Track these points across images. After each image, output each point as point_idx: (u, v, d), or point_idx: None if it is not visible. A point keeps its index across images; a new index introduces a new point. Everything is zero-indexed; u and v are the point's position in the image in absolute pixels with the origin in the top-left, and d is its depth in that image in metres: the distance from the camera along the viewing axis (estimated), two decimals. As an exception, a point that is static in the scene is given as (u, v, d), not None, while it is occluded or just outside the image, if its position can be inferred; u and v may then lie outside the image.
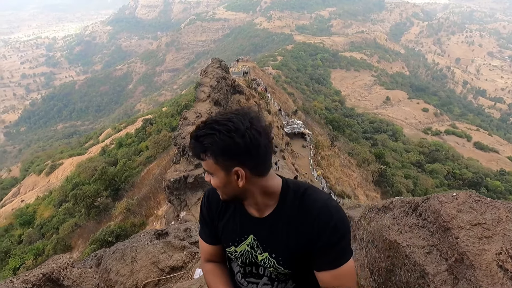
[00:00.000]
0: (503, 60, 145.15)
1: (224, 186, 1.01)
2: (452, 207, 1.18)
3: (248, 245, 1.12)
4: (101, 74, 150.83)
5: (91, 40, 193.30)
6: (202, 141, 0.95)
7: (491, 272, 0.94)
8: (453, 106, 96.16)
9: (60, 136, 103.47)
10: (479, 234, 1.06)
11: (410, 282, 1.14)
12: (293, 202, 1.04)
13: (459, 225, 1.10)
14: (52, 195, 33.53)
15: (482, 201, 1.19)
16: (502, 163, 55.12)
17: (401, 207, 1.47)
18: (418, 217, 1.32)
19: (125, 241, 2.93)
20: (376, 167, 32.59)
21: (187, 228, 3.18)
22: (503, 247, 0.96)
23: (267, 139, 0.97)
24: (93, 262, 2.12)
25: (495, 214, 1.11)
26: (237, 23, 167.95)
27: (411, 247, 1.21)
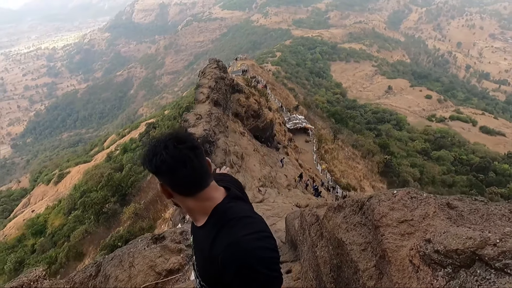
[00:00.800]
0: (506, 42, 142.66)
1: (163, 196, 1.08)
2: (386, 205, 1.21)
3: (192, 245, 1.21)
4: (102, 81, 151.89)
5: (90, 48, 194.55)
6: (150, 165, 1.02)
7: (403, 267, 1.00)
8: (457, 91, 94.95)
9: (65, 145, 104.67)
10: (403, 231, 1.10)
11: (349, 278, 1.18)
12: (210, 232, 1.01)
13: (387, 222, 1.15)
14: (61, 203, 33.95)
15: (417, 198, 1.21)
16: (509, 146, 54.34)
17: (351, 206, 1.49)
18: (362, 216, 1.35)
19: (123, 247, 2.98)
20: (381, 157, 32.42)
21: (183, 231, 3.23)
22: (415, 243, 0.99)
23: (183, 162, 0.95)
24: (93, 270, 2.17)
25: (424, 210, 1.14)
26: (234, 21, 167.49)
27: (352, 245, 1.27)
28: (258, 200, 9.75)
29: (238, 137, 13.21)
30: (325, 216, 1.66)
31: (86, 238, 22.19)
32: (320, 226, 1.78)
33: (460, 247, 0.80)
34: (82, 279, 2.01)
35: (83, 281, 1.84)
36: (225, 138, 11.33)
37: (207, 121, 10.60)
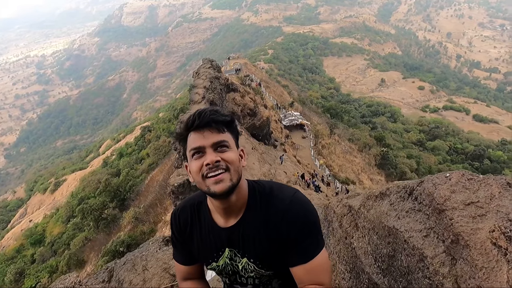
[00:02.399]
0: (495, 30, 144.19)
1: (238, 162, 0.98)
2: (446, 188, 1.18)
3: (227, 257, 1.11)
4: (94, 87, 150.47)
5: (80, 53, 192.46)
6: (224, 114, 1.00)
7: (485, 250, 0.95)
8: (449, 81, 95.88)
9: (60, 152, 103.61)
10: (473, 213, 1.06)
11: (410, 266, 1.15)
12: (260, 206, 1.03)
13: (452, 206, 1.11)
14: (59, 212, 33.68)
15: (475, 179, 1.19)
16: (502, 133, 55.10)
17: (397, 193, 1.47)
18: (414, 201, 1.32)
19: (135, 251, 2.95)
20: (378, 150, 32.61)
21: None
22: (495, 224, 0.96)
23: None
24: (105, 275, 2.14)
25: (488, 191, 1.11)
26: (224, 20, 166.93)
27: (409, 232, 1.25)
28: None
29: (235, 136, 13.16)
30: (363, 206, 1.62)
31: (86, 245, 22.04)
32: (354, 216, 1.74)
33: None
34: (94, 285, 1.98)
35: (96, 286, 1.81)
36: (223, 138, 11.29)
37: (204, 121, 10.51)
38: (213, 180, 0.94)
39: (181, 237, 1.15)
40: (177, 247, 1.19)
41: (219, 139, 0.96)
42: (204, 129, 0.96)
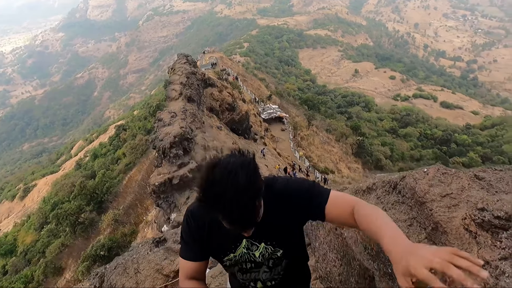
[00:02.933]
0: (457, 20, 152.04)
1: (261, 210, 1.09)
2: (425, 182, 1.34)
3: (244, 247, 1.22)
4: (61, 85, 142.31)
5: (43, 50, 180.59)
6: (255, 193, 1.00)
7: (459, 235, 1.10)
8: (418, 70, 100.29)
9: (28, 156, 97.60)
10: (448, 203, 1.22)
11: None
12: (268, 197, 1.10)
13: (431, 198, 1.27)
14: (31, 219, 31.95)
15: (448, 173, 1.35)
16: (467, 118, 58.72)
17: (382, 187, 1.61)
18: (398, 195, 1.48)
19: (124, 254, 2.89)
20: (354, 139, 33.67)
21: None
22: (466, 213, 1.11)
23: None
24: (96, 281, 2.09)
25: (459, 184, 1.28)
26: (197, 13, 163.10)
27: (395, 222, 1.34)
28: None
29: (215, 131, 13.06)
30: None
31: (63, 251, 21.15)
32: None
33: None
34: None
35: None
36: (203, 134, 11.15)
37: (182, 118, 10.34)
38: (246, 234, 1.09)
39: (198, 234, 1.22)
40: (189, 244, 1.24)
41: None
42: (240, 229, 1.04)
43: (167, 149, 8.79)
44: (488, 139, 45.42)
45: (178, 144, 8.94)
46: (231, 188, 0.90)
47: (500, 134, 46.32)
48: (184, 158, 8.99)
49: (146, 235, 13.42)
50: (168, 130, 9.38)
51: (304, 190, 1.15)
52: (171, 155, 8.75)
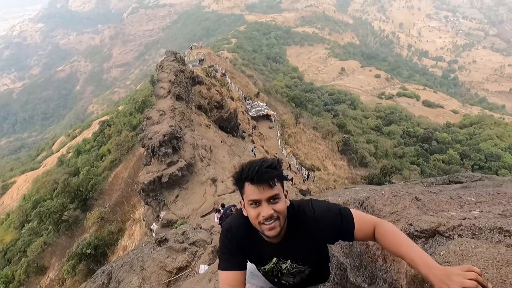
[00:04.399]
0: (440, 21, 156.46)
1: (285, 209, 1.26)
2: (380, 203, 1.79)
3: (273, 264, 1.44)
4: (41, 78, 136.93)
5: (21, 41, 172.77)
6: (276, 170, 1.22)
7: None
8: (402, 69, 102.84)
9: (5, 152, 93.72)
10: (394, 219, 1.66)
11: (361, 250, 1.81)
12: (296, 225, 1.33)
13: (383, 215, 1.71)
14: (11, 217, 30.93)
15: (398, 195, 1.81)
16: (447, 116, 60.88)
17: (354, 203, 2.08)
18: (364, 210, 1.91)
19: (129, 253, 3.05)
20: (340, 137, 34.32)
21: (184, 232, 3.36)
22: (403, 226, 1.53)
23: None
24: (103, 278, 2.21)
25: (403, 204, 1.72)
26: (184, 7, 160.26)
27: None
28: (231, 191, 9.93)
29: (204, 130, 13.06)
30: None
31: (46, 250, 20.65)
32: None
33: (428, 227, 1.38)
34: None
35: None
36: (192, 132, 11.15)
37: (171, 116, 10.31)
38: (267, 227, 1.23)
39: (237, 246, 1.38)
40: (232, 255, 1.38)
41: (272, 194, 1.21)
42: (260, 185, 1.20)
43: (156, 148, 8.78)
44: (466, 137, 47.34)
45: (167, 142, 8.95)
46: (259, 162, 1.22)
47: (478, 133, 48.37)
48: (173, 157, 9.02)
49: (133, 233, 13.34)
50: (157, 129, 9.36)
51: (333, 218, 1.32)
52: (160, 153, 8.76)
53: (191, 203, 8.04)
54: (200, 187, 8.67)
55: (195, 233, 3.48)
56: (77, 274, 12.05)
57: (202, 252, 3.09)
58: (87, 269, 12.00)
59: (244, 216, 1.35)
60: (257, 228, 1.29)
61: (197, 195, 8.37)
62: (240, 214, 1.42)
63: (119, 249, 12.01)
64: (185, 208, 7.80)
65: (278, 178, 1.24)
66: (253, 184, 1.21)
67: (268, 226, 1.23)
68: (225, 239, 1.39)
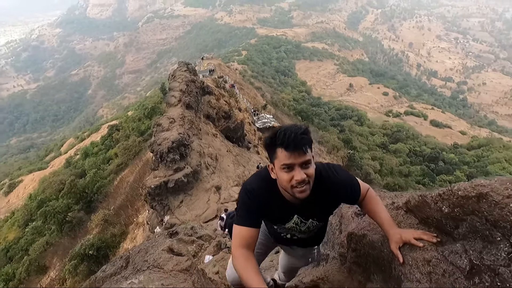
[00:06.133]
0: (450, 42, 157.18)
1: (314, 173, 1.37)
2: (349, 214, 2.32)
3: (294, 222, 1.59)
4: (55, 81, 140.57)
5: (39, 44, 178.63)
6: (308, 136, 1.33)
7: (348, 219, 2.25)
8: (410, 88, 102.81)
9: (15, 151, 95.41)
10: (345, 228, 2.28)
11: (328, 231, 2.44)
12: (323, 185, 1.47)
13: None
14: (16, 215, 31.34)
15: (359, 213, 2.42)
16: (455, 137, 60.32)
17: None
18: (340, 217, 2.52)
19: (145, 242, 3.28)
20: (345, 152, 34.31)
21: (193, 227, 3.61)
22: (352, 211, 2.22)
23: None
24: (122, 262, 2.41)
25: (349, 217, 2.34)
26: (198, 19, 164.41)
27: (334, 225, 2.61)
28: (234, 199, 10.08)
29: (211, 138, 13.37)
30: None
31: (48, 250, 20.84)
32: None
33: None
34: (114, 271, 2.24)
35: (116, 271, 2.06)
36: (199, 141, 11.45)
37: (180, 124, 10.66)
38: (299, 190, 1.34)
39: (256, 206, 1.48)
40: (249, 213, 1.49)
41: (306, 159, 1.32)
42: (295, 151, 1.30)
43: (164, 154, 9.07)
44: (474, 159, 46.74)
45: (175, 149, 9.23)
46: (293, 129, 1.31)
47: (486, 155, 47.75)
48: (180, 163, 9.28)
49: (135, 237, 13.48)
50: (167, 135, 9.68)
51: (354, 184, 1.54)
52: (168, 159, 9.04)
53: (194, 209, 8.22)
54: (204, 194, 8.86)
55: (202, 229, 3.72)
56: (78, 274, 12.19)
57: (208, 245, 3.31)
58: (88, 270, 12.14)
59: (266, 179, 1.48)
60: (287, 191, 1.39)
61: (201, 201, 8.56)
62: (261, 177, 1.53)
63: (121, 252, 12.16)
64: (189, 214, 7.98)
65: (310, 144, 1.35)
66: (287, 150, 1.29)
67: (300, 189, 1.33)
68: (246, 198, 1.49)
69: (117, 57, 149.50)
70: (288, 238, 1.74)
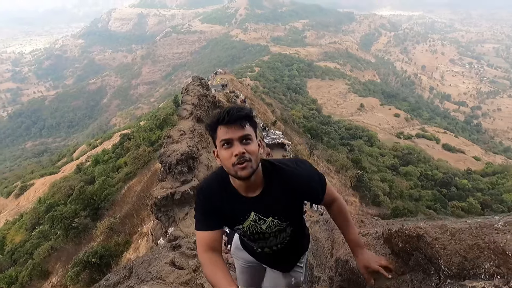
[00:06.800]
0: (464, 67, 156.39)
1: (257, 152, 1.29)
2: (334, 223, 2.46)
3: (252, 220, 1.44)
4: (73, 89, 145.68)
5: (61, 54, 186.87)
6: (246, 111, 1.28)
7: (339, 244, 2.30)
8: (422, 110, 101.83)
9: (29, 155, 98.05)
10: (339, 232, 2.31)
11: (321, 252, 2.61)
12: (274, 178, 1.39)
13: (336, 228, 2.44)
14: (24, 218, 31.76)
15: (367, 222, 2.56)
16: (468, 162, 58.84)
17: (322, 222, 2.88)
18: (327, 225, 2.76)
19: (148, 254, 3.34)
20: (354, 172, 33.81)
21: (195, 241, 3.68)
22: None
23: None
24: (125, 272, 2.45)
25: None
26: (213, 35, 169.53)
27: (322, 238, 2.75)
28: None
29: (219, 152, 13.45)
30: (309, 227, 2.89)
31: (52, 255, 20.92)
32: None
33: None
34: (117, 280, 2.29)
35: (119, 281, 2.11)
36: (208, 154, 11.59)
37: (190, 137, 10.84)
38: (239, 167, 1.24)
39: (209, 205, 1.42)
40: (204, 215, 1.42)
41: (243, 133, 1.25)
42: (231, 125, 1.24)
43: (173, 165, 9.21)
44: (488, 186, 45.29)
45: (184, 161, 9.37)
46: (230, 106, 1.29)
47: (501, 183, 46.23)
48: (188, 176, 9.38)
49: (139, 247, 13.45)
50: (176, 147, 9.85)
51: (313, 176, 1.45)
52: (176, 171, 9.16)
53: (199, 223, 8.22)
54: (210, 208, 8.84)
55: None
56: (79, 281, 12.16)
57: None
58: (89, 278, 12.10)
59: (218, 174, 1.41)
60: (229, 173, 1.30)
61: (206, 215, 8.56)
62: (213, 174, 1.46)
63: (123, 261, 12.12)
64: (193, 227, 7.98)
65: (249, 120, 1.28)
66: (224, 125, 1.24)
67: (241, 166, 1.23)
68: (198, 199, 1.43)
69: (133, 68, 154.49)
70: (261, 253, 1.61)
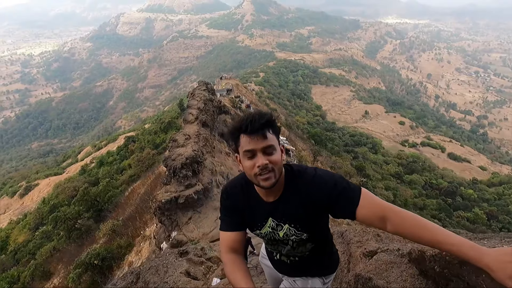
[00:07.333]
0: (470, 76, 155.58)
1: (280, 161, 1.24)
2: (352, 235, 2.58)
3: (269, 226, 1.41)
4: (80, 91, 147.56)
5: (70, 56, 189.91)
6: (268, 116, 1.22)
7: (357, 259, 2.30)
8: (427, 119, 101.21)
9: (35, 155, 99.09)
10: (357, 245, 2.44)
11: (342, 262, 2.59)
12: (297, 183, 1.32)
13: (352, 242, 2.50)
14: (27, 218, 31.99)
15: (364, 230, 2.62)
16: (474, 172, 58.13)
17: (337, 234, 2.83)
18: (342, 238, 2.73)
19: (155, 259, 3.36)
20: (358, 180, 33.57)
21: (202, 248, 3.66)
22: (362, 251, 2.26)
23: None
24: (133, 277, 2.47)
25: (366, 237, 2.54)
26: (220, 40, 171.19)
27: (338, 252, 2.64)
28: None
29: (223, 157, 13.52)
30: None
31: (54, 255, 20.95)
32: None
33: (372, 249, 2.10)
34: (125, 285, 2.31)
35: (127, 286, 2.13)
36: (212, 159, 11.61)
37: (195, 141, 10.89)
38: (262, 178, 1.22)
39: (231, 205, 1.42)
40: (227, 215, 1.42)
41: (267, 144, 1.20)
42: (254, 135, 1.20)
43: (177, 169, 9.23)
44: (494, 197, 44.63)
45: (188, 165, 9.39)
46: (253, 114, 1.23)
47: (508, 193, 45.54)
48: (192, 180, 9.39)
49: (141, 250, 13.43)
50: (181, 151, 9.89)
51: (333, 181, 1.25)
52: (181, 175, 9.18)
53: (202, 227, 8.20)
54: (213, 213, 8.85)
55: (211, 251, 3.73)
56: (81, 283, 12.14)
57: (216, 267, 3.33)
58: (91, 280, 12.08)
59: (240, 176, 1.40)
60: (252, 181, 1.28)
61: (209, 219, 8.54)
62: (239, 176, 1.45)
63: (125, 264, 12.09)
64: (196, 231, 7.96)
65: (272, 128, 1.24)
66: (247, 134, 1.21)
67: (263, 176, 1.22)
68: (222, 199, 1.44)
69: (140, 72, 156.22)
70: (279, 261, 1.57)
